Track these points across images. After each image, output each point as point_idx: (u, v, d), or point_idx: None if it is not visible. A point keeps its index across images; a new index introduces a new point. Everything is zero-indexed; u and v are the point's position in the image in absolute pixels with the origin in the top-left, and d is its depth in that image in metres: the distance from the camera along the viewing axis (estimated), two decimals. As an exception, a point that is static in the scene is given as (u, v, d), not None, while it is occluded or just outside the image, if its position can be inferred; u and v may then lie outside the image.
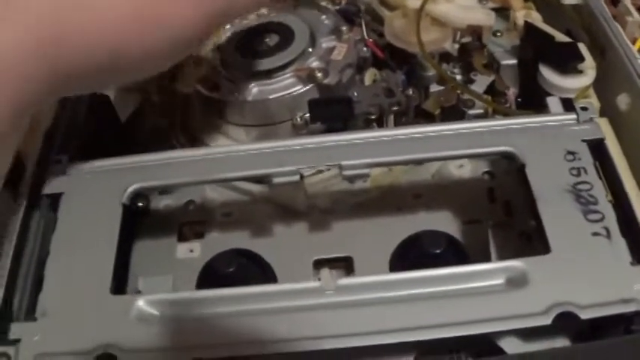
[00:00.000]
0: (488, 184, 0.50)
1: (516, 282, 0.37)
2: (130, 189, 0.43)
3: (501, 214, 0.48)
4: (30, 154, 0.46)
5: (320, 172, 0.44)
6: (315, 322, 0.36)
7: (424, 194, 0.50)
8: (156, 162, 0.44)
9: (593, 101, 0.49)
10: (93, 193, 0.43)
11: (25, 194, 0.43)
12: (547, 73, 0.49)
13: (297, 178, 0.42)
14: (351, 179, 0.42)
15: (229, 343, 0.37)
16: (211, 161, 0.44)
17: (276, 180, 0.42)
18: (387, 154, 0.42)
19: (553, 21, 0.57)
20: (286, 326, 0.37)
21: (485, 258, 0.45)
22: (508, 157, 0.42)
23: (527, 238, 0.45)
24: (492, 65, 0.55)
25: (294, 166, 0.42)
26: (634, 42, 0.55)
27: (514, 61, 0.54)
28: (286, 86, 0.50)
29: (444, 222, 0.48)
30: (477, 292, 0.37)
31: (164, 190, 0.51)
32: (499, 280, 0.37)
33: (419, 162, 0.44)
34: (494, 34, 0.56)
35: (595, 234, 0.38)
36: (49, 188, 0.44)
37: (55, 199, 0.44)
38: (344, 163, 0.42)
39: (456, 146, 0.43)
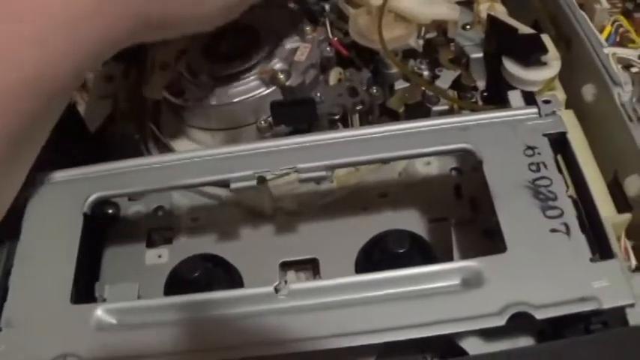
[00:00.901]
0: (456, 180, 0.49)
1: (472, 282, 0.37)
2: (91, 198, 0.43)
3: (468, 211, 0.48)
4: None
5: (285, 174, 0.44)
6: (271, 326, 0.36)
7: (391, 193, 0.49)
8: (117, 170, 0.44)
9: (559, 93, 0.49)
10: (55, 203, 0.44)
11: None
12: (510, 67, 0.48)
13: (254, 182, 0.42)
14: (309, 182, 0.42)
15: (187, 351, 0.37)
16: (171, 168, 0.43)
17: (234, 185, 0.42)
18: (344, 155, 0.42)
19: (520, 12, 0.57)
20: (245, 331, 0.37)
21: (450, 256, 0.44)
22: (466, 154, 0.42)
23: (491, 235, 0.44)
24: (460, 59, 0.54)
25: (251, 170, 0.42)
26: (602, 30, 0.55)
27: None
28: (249, 89, 0.50)
29: (411, 220, 0.48)
30: (433, 293, 0.37)
31: (132, 197, 0.51)
32: (455, 281, 0.37)
33: (377, 162, 0.43)
34: (463, 27, 0.56)
35: (553, 230, 0.38)
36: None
37: (18, 211, 0.44)
38: (300, 166, 0.41)
39: (414, 145, 0.42)
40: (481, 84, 0.53)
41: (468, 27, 0.56)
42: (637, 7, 0.59)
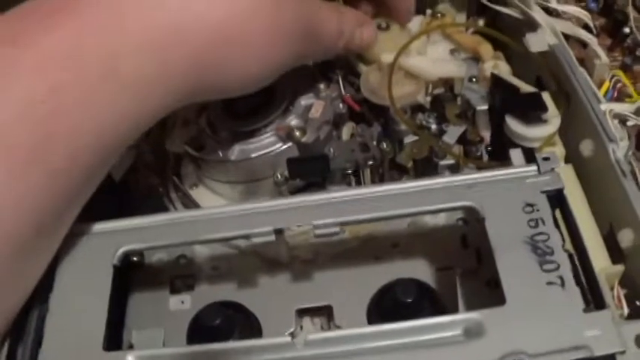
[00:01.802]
0: (462, 230, 0.52)
1: (473, 332, 0.39)
2: (120, 251, 0.46)
3: (473, 261, 0.50)
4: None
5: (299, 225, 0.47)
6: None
7: (401, 243, 0.52)
8: (144, 224, 0.47)
9: (558, 149, 0.52)
10: (87, 255, 0.47)
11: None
12: (512, 124, 0.51)
13: (272, 237, 0.45)
14: (323, 237, 0.45)
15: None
16: (194, 223, 0.47)
17: (254, 240, 0.45)
18: (356, 212, 0.45)
19: (524, 69, 0.60)
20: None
21: (456, 304, 0.47)
22: (469, 212, 0.45)
23: (494, 284, 0.47)
24: (466, 113, 0.57)
25: (270, 226, 0.45)
26: (602, 84, 0.58)
27: (489, 107, 0.57)
28: (267, 144, 0.53)
29: (420, 269, 0.51)
30: (437, 342, 0.40)
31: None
32: (457, 331, 0.40)
33: (386, 219, 0.46)
34: (470, 79, 0.59)
35: (550, 283, 0.41)
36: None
37: (53, 261, 0.47)
38: (315, 222, 0.44)
39: (421, 202, 0.45)
40: (487, 134, 0.56)
41: (474, 80, 0.59)
42: (636, 59, 0.62)
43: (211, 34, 0.43)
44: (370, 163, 0.52)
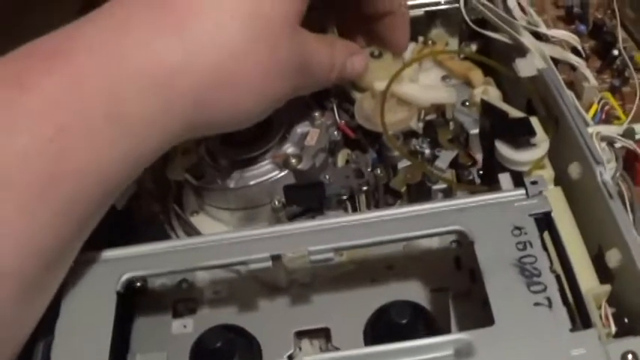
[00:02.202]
0: (455, 252, 0.53)
1: (464, 353, 0.41)
2: (124, 278, 0.48)
3: (467, 282, 0.52)
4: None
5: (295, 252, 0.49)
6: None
7: (396, 265, 0.54)
8: (146, 252, 0.49)
9: (547, 172, 0.53)
10: (91, 283, 0.48)
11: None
12: (502, 148, 0.53)
13: (269, 264, 0.46)
14: (319, 263, 0.47)
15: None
16: (195, 250, 0.48)
17: (251, 267, 0.46)
18: (350, 238, 0.47)
19: (514, 93, 0.61)
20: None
21: (449, 324, 0.49)
22: (460, 235, 0.47)
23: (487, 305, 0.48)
24: (459, 137, 0.59)
25: (267, 252, 0.46)
26: (590, 106, 0.59)
27: (482, 130, 0.58)
28: (264, 172, 0.55)
29: (414, 291, 0.52)
30: (429, 363, 0.41)
31: (159, 275, 0.56)
32: (449, 352, 0.41)
33: (379, 244, 0.48)
34: (462, 103, 0.60)
35: (537, 304, 0.42)
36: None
37: (59, 290, 0.48)
38: (311, 249, 0.46)
39: (413, 227, 0.47)
40: (480, 157, 0.58)
41: (467, 103, 0.61)
42: (624, 81, 0.63)
43: (209, 74, 0.45)
44: (364, 188, 0.54)
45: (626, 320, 0.46)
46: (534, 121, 0.54)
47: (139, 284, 0.55)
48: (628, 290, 0.46)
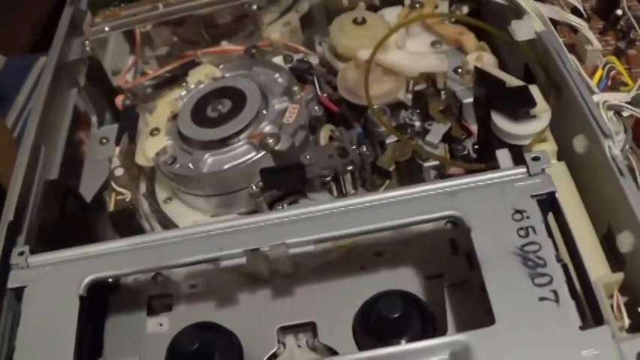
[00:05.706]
0: (451, 234, 0.49)
1: (460, 356, 0.37)
2: (86, 281, 0.44)
3: (464, 267, 0.48)
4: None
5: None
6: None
7: (386, 251, 0.50)
8: (110, 250, 0.45)
9: (550, 145, 0.49)
10: (52, 286, 0.44)
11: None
12: (499, 121, 0.48)
13: (243, 260, 0.42)
14: (298, 255, 0.42)
15: None
16: (163, 247, 0.44)
17: (224, 263, 0.42)
18: (332, 228, 0.43)
19: (512, 59, 0.57)
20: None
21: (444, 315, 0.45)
22: (454, 222, 0.42)
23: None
24: (451, 108, 0.54)
25: (241, 247, 0.42)
26: (594, 71, 0.54)
27: (477, 99, 0.54)
28: (240, 154, 0.51)
29: (407, 279, 0.48)
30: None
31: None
32: (444, 355, 0.37)
33: (365, 234, 0.44)
34: (454, 70, 0.56)
35: (542, 299, 0.38)
36: (12, 282, 0.45)
37: (19, 292, 0.44)
38: (289, 241, 0.42)
39: (402, 214, 0.43)
40: (475, 128, 0.53)
41: (459, 71, 0.56)
42: (630, 43, 0.58)
43: None
44: (350, 168, 0.50)
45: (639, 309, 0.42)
46: (534, 89, 0.49)
47: (110, 281, 0.51)
48: (642, 276, 0.42)
